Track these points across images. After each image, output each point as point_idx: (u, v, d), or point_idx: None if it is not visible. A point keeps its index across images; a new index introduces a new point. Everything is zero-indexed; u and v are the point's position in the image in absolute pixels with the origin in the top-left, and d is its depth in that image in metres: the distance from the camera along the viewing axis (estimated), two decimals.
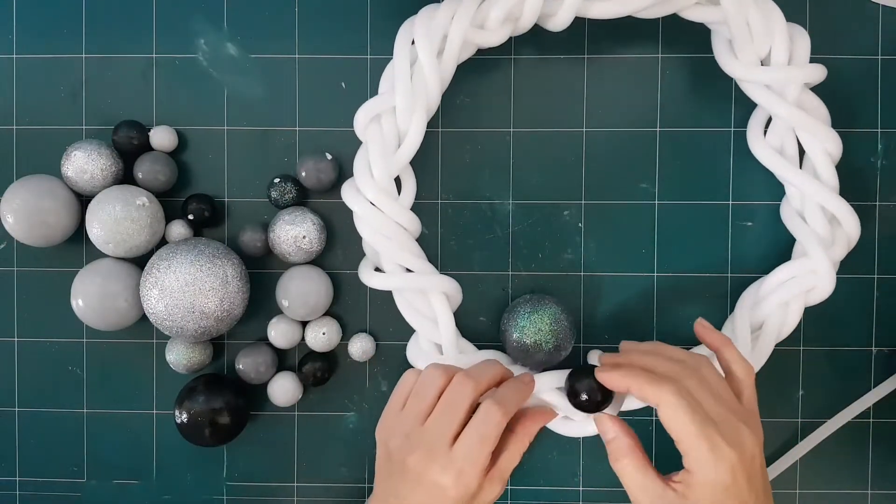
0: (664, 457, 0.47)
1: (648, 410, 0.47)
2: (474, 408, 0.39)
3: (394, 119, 0.42)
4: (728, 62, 0.43)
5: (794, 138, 0.44)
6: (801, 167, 0.44)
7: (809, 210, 0.43)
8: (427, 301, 0.44)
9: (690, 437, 0.35)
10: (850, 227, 0.43)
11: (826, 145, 0.43)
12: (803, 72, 0.42)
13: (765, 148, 0.44)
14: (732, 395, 0.38)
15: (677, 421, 0.36)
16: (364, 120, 0.43)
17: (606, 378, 0.39)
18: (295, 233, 0.44)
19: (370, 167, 0.42)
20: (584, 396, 0.41)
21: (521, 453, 0.40)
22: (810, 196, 0.43)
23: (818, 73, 0.42)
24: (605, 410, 0.41)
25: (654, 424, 0.47)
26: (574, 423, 0.44)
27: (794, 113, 0.42)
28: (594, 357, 0.45)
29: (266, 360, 0.45)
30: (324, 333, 0.46)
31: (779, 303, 0.43)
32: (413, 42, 0.43)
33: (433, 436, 0.38)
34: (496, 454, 0.39)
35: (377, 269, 0.45)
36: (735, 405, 0.37)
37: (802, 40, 0.43)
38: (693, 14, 0.44)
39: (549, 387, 0.43)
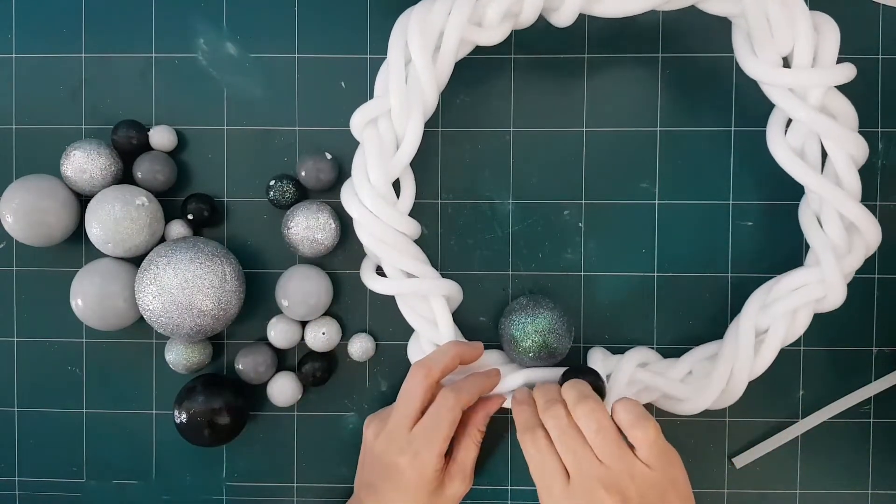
0: None
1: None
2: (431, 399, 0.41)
3: (390, 122, 0.41)
4: (748, 62, 0.40)
5: (816, 139, 0.41)
6: (822, 169, 0.42)
7: (827, 215, 0.42)
8: (427, 303, 0.43)
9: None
10: (870, 235, 0.41)
11: (850, 150, 0.40)
12: (829, 74, 0.38)
13: (785, 150, 0.41)
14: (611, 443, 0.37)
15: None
16: (360, 123, 0.42)
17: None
18: (315, 223, 0.44)
19: (367, 171, 0.41)
20: None
21: (475, 445, 0.42)
22: (830, 202, 0.41)
23: (846, 73, 0.39)
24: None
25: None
26: None
27: (815, 118, 0.39)
28: (595, 354, 0.45)
29: (266, 359, 0.45)
30: (323, 333, 0.46)
31: (787, 310, 0.42)
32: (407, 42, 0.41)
33: (395, 421, 0.41)
34: (456, 449, 0.41)
35: (378, 269, 0.45)
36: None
37: (831, 33, 0.38)
38: (711, 7, 0.41)
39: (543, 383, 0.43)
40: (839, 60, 0.40)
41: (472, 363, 0.43)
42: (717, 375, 0.43)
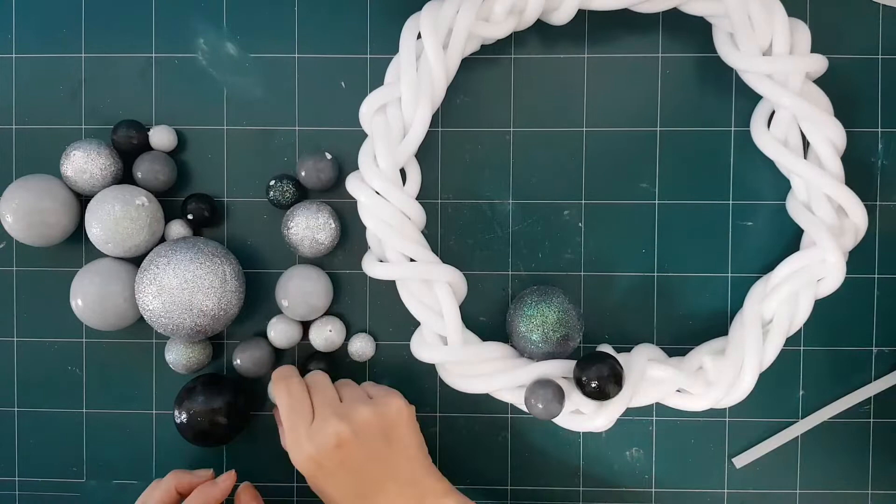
0: (664, 456, 0.47)
1: (648, 410, 0.47)
2: None
3: (399, 110, 0.43)
4: (730, 54, 0.44)
5: (797, 131, 0.44)
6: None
7: (816, 201, 0.43)
8: (431, 292, 0.44)
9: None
10: (856, 216, 0.43)
11: (830, 135, 0.43)
12: (805, 61, 0.42)
13: (769, 139, 0.44)
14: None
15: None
16: (369, 110, 0.43)
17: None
18: (315, 223, 0.44)
19: (375, 158, 0.43)
20: (594, 384, 0.41)
21: None
22: (816, 186, 0.43)
23: (819, 63, 0.43)
24: (615, 398, 0.42)
25: (654, 424, 0.47)
26: (583, 417, 0.43)
27: (797, 102, 0.42)
28: (604, 348, 0.45)
29: (263, 354, 0.45)
30: (330, 331, 0.46)
31: (788, 294, 0.43)
32: (419, 36, 0.43)
33: None
34: None
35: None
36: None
37: (803, 33, 0.43)
38: (693, 8, 0.44)
39: (558, 375, 0.43)
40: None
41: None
42: (728, 368, 0.43)
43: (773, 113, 0.44)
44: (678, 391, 0.44)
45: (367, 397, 0.43)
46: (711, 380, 0.43)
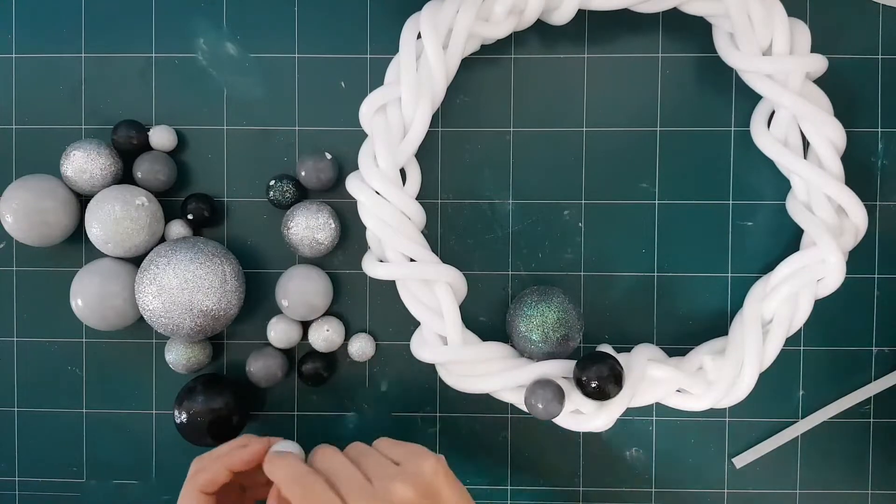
0: (664, 456, 0.47)
1: (648, 410, 0.47)
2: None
3: (399, 110, 0.43)
4: (730, 54, 0.44)
5: (797, 131, 0.44)
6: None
7: (816, 201, 0.44)
8: (431, 292, 0.44)
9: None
10: (856, 216, 0.43)
11: (830, 135, 0.43)
12: (805, 61, 0.42)
13: (769, 139, 0.44)
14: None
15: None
16: (369, 111, 0.43)
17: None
18: (315, 223, 0.44)
19: (375, 158, 0.43)
20: (594, 384, 0.41)
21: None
22: (816, 186, 0.43)
23: (819, 63, 0.43)
24: (615, 398, 0.42)
25: (654, 424, 0.47)
26: (582, 417, 0.43)
27: (797, 101, 0.42)
28: (604, 348, 0.45)
29: (277, 362, 0.45)
30: (328, 330, 0.46)
31: (788, 294, 0.43)
32: (419, 36, 0.43)
33: None
34: None
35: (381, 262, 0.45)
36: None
37: (803, 34, 0.43)
38: (693, 7, 0.44)
39: (558, 375, 0.43)
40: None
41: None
42: (728, 368, 0.43)
43: (773, 113, 0.45)
44: (678, 391, 0.44)
45: (392, 465, 0.37)
46: (711, 380, 0.43)
